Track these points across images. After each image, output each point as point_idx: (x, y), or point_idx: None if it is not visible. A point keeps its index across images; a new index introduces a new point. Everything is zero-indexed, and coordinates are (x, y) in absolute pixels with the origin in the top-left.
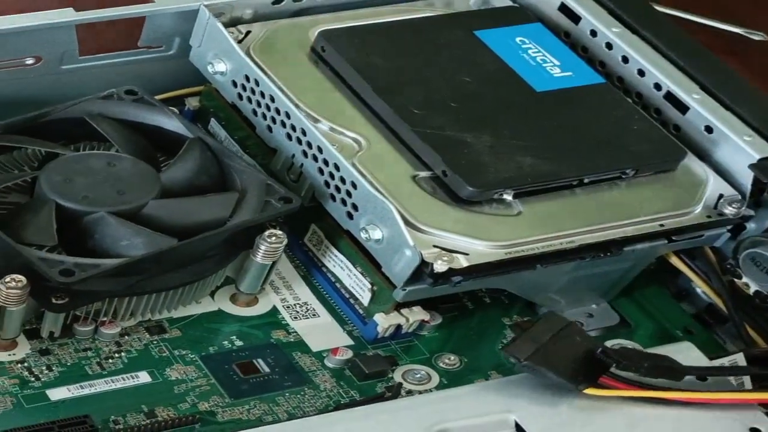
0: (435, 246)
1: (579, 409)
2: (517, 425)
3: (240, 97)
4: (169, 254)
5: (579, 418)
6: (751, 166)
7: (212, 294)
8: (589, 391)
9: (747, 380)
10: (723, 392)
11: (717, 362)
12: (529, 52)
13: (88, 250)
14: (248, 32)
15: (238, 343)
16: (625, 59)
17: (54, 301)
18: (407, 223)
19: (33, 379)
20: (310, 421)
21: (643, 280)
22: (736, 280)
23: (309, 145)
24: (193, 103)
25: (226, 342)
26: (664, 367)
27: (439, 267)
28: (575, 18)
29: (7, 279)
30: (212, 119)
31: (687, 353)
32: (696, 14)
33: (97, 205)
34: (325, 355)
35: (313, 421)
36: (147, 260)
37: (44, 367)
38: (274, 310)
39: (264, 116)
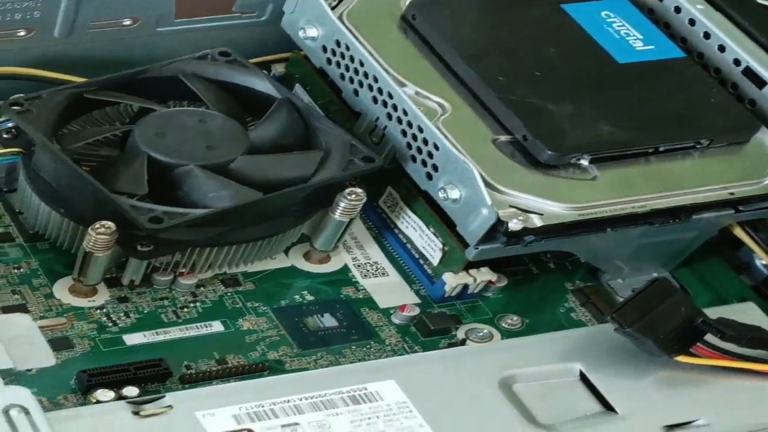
0: (511, 206)
1: (649, 365)
2: (582, 374)
3: (329, 62)
4: (253, 207)
5: (645, 373)
6: None
7: (286, 251)
8: (681, 358)
9: None
10: None
11: None
12: (614, 25)
13: (177, 202)
14: (340, 0)
15: (309, 297)
16: (707, 35)
17: (139, 248)
18: (486, 183)
19: (111, 324)
20: (382, 362)
21: (704, 252)
22: None
23: (394, 107)
24: (278, 69)
25: (297, 296)
26: (765, 339)
27: (514, 225)
28: None
29: (97, 225)
30: (297, 85)
31: (750, 313)
32: None
33: (187, 158)
34: (392, 311)
35: (384, 362)
36: (232, 212)
37: (122, 314)
38: (345, 268)
39: (351, 80)
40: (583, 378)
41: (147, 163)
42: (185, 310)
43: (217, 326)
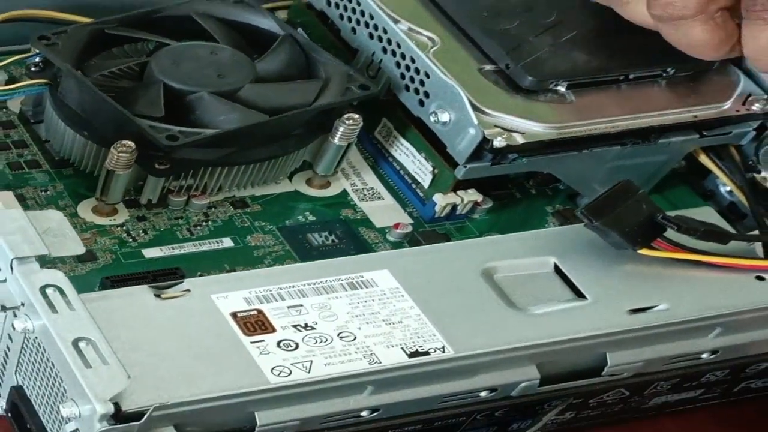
0: (495, 126)
1: (615, 258)
2: (556, 266)
3: (329, 3)
4: (260, 128)
5: (612, 265)
6: None
7: (290, 177)
8: (644, 251)
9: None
10: (749, 258)
11: None
12: None
13: (190, 125)
14: None
15: (311, 218)
16: None
17: (157, 166)
18: (473, 106)
19: (130, 240)
20: (376, 255)
21: (674, 180)
22: (756, 175)
23: (389, 41)
24: (281, 15)
25: (300, 217)
26: (716, 232)
27: (499, 143)
28: None
29: (118, 144)
30: (299, 29)
31: (707, 216)
32: None
33: (199, 85)
34: (387, 230)
35: (379, 255)
36: (240, 132)
37: (141, 231)
38: (344, 193)
39: (349, 19)
40: (557, 269)
41: (163, 90)
42: (198, 228)
43: (227, 242)
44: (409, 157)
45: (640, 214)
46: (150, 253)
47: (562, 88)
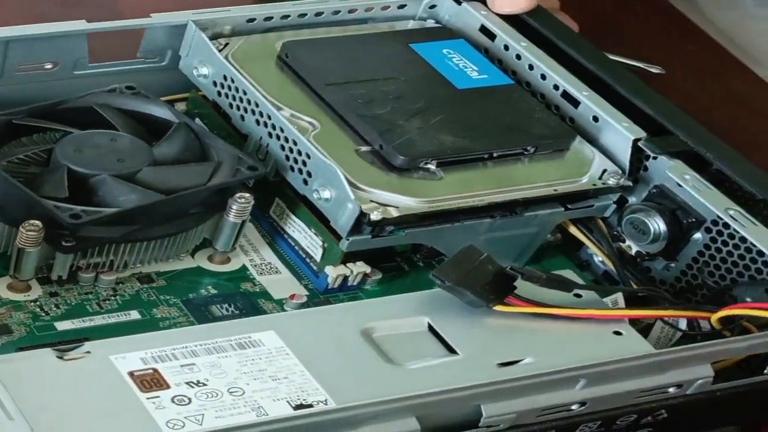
0: (372, 201)
1: (481, 317)
2: (430, 326)
3: (219, 94)
4: (157, 207)
5: (480, 323)
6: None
7: (192, 254)
8: (498, 307)
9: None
10: (599, 309)
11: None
12: (453, 60)
13: (94, 205)
14: (227, 44)
15: (213, 291)
16: (531, 67)
17: (64, 243)
18: (350, 183)
19: (43, 314)
20: (263, 318)
21: (552, 252)
22: (621, 244)
23: (273, 127)
24: (180, 107)
25: (203, 290)
26: (558, 280)
27: (375, 216)
28: (492, 36)
29: (27, 224)
30: (197, 119)
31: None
32: (600, 48)
33: (101, 169)
34: (284, 301)
35: (266, 317)
36: (139, 210)
37: (53, 305)
38: (244, 268)
39: (238, 107)
40: (431, 328)
41: (67, 174)
42: (107, 302)
43: (135, 314)
44: (301, 233)
45: (488, 273)
46: (62, 326)
47: (432, 166)
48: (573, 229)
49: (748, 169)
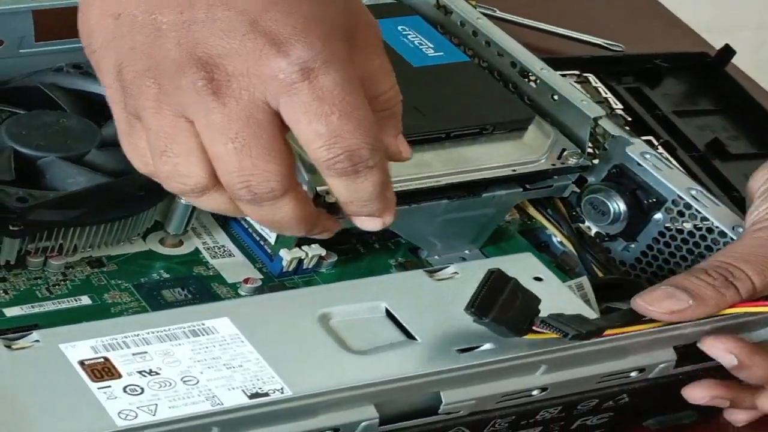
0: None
1: (440, 301)
2: (387, 311)
3: None
4: (106, 189)
5: (439, 308)
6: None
7: (144, 237)
8: (529, 336)
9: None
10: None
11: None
12: (409, 37)
13: (43, 188)
14: None
15: (165, 275)
16: (488, 43)
17: (11, 228)
18: (305, 164)
19: None
20: (217, 304)
21: (510, 233)
22: (581, 225)
23: None
24: None
25: (155, 274)
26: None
27: (330, 198)
28: (447, 11)
29: None
30: None
31: (527, 262)
32: (559, 27)
33: (48, 150)
34: (238, 285)
35: (219, 304)
36: (87, 193)
37: (1, 291)
38: (196, 251)
39: None
40: (388, 314)
41: (14, 156)
42: (57, 287)
43: (85, 300)
44: None
45: (516, 299)
46: (11, 312)
47: None
48: (532, 210)
49: None
